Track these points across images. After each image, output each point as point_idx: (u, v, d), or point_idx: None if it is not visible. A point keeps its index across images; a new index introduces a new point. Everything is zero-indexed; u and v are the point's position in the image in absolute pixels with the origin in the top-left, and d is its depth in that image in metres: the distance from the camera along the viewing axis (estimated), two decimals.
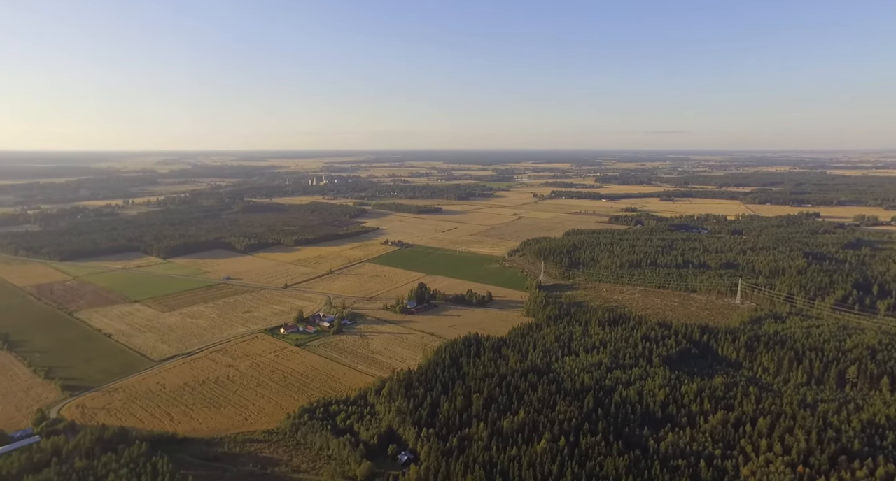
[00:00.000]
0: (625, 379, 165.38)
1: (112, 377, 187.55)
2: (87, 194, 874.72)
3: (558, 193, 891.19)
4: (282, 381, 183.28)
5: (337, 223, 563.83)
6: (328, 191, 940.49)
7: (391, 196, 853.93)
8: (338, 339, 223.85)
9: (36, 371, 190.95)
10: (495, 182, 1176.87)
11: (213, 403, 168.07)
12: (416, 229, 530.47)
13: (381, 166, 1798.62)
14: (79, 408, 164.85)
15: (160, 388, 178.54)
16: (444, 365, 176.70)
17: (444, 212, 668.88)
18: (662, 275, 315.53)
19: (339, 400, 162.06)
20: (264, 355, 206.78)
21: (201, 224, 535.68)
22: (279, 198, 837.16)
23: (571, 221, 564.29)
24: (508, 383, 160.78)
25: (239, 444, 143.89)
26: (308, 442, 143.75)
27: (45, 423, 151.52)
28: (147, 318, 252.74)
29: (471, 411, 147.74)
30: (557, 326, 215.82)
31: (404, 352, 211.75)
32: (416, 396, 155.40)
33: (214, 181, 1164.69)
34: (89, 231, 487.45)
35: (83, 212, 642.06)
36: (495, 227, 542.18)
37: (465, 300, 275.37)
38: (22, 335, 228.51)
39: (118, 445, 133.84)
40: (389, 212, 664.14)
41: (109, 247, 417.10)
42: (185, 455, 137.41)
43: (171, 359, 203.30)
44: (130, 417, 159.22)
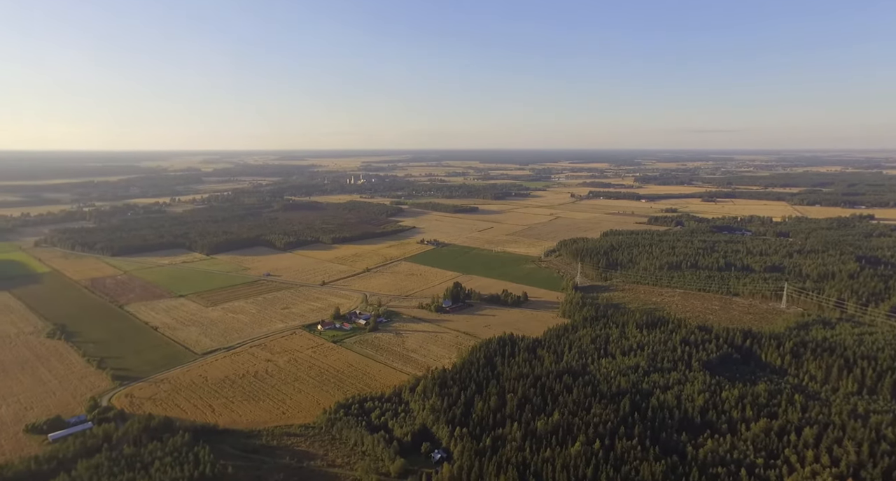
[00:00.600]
0: (662, 383, 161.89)
1: (158, 368, 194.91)
2: (137, 192, 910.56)
3: (596, 193, 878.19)
4: (318, 377, 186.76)
5: (374, 222, 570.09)
6: (365, 189, 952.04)
7: (427, 195, 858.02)
8: (373, 337, 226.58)
9: (89, 360, 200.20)
10: (532, 181, 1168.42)
11: (252, 396, 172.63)
12: (452, 228, 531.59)
13: (418, 165, 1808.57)
14: (127, 397, 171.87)
15: (202, 381, 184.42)
16: (479, 364, 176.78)
17: (480, 211, 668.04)
18: (703, 277, 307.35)
19: (374, 397, 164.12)
20: (302, 351, 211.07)
21: (243, 222, 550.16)
22: (318, 196, 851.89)
23: (609, 222, 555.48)
24: (543, 384, 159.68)
25: (276, 437, 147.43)
26: (343, 438, 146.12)
27: (97, 411, 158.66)
28: (191, 312, 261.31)
29: (504, 411, 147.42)
30: (594, 328, 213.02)
31: (439, 350, 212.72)
32: (450, 395, 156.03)
33: (256, 180, 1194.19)
34: (139, 227, 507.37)
35: (133, 209, 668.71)
36: (531, 227, 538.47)
37: (501, 300, 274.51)
38: (77, 326, 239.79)
39: (163, 434, 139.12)
40: (426, 211, 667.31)
41: (157, 243, 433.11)
42: (226, 446, 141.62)
43: (213, 353, 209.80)
44: (175, 408, 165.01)
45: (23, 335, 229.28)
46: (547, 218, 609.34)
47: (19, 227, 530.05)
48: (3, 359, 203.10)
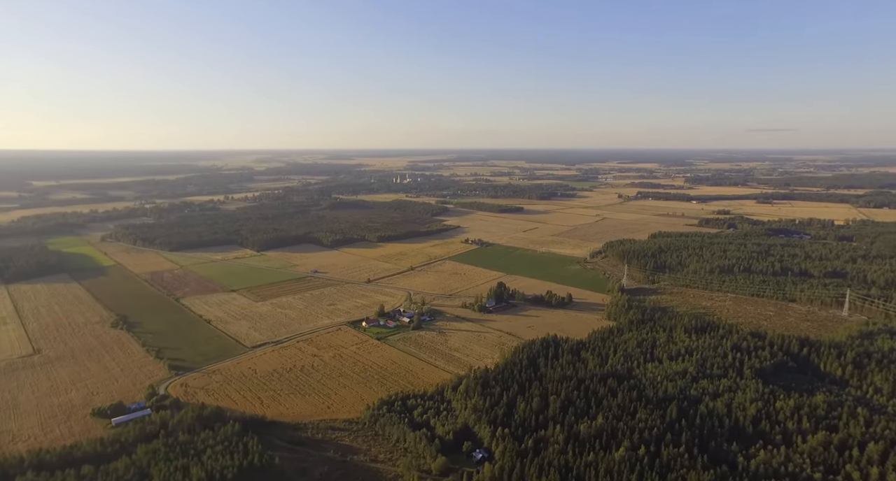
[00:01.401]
0: (712, 390, 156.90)
1: (211, 360, 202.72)
2: (194, 190, 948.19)
3: (644, 194, 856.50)
4: (362, 373, 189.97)
5: (419, 221, 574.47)
6: (411, 189, 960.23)
7: (473, 195, 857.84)
8: (417, 335, 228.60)
9: (148, 350, 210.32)
10: (578, 182, 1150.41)
11: (298, 390, 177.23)
12: (497, 228, 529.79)
13: (464, 165, 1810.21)
14: (182, 387, 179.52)
15: (252, 373, 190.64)
16: (522, 365, 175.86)
17: (525, 211, 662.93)
18: (757, 282, 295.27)
19: (417, 395, 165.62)
20: (347, 347, 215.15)
21: (292, 219, 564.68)
22: (364, 195, 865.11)
23: (658, 223, 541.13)
24: (587, 387, 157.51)
25: (321, 431, 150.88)
26: (386, 434, 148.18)
27: (155, 398, 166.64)
28: (242, 307, 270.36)
29: (547, 413, 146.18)
30: (640, 331, 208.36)
31: (482, 350, 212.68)
32: (492, 395, 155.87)
33: (305, 178, 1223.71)
34: (194, 224, 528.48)
35: (190, 206, 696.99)
36: (577, 228, 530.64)
37: (545, 301, 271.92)
38: (138, 317, 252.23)
39: (215, 423, 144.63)
40: (470, 210, 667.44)
41: (211, 239, 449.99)
42: (273, 437, 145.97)
43: (261, 346, 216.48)
44: (225, 398, 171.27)
45: (90, 324, 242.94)
46: (593, 218, 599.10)
47: (88, 223, 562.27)
48: (74, 346, 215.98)
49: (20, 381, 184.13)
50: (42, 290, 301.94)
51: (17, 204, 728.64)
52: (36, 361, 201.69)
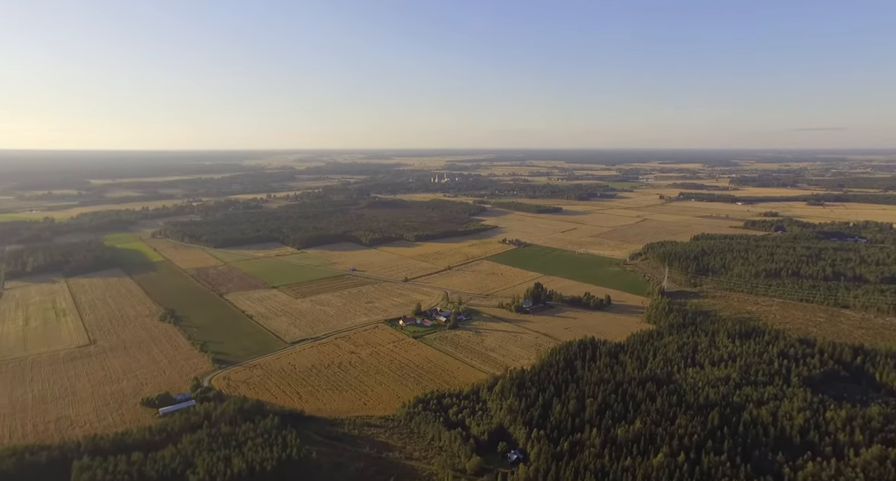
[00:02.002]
0: (756, 398, 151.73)
1: (252, 354, 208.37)
2: (238, 188, 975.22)
3: (687, 195, 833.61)
4: (399, 371, 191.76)
5: (456, 220, 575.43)
6: (449, 188, 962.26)
7: (510, 195, 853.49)
8: (453, 334, 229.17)
9: (194, 343, 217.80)
10: (618, 182, 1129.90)
11: (336, 386, 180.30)
12: (535, 228, 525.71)
13: (502, 165, 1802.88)
14: (225, 380, 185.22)
15: (291, 368, 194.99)
16: (558, 367, 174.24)
17: (563, 212, 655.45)
18: (806, 287, 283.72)
19: (452, 394, 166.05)
20: (383, 345, 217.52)
21: (332, 218, 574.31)
22: (403, 194, 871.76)
23: (701, 225, 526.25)
24: (625, 391, 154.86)
25: (358, 427, 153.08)
26: (421, 432, 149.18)
27: (199, 390, 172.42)
28: (282, 303, 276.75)
29: (583, 416, 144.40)
30: (681, 335, 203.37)
31: (518, 350, 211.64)
32: (527, 396, 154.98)
33: (345, 178, 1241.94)
34: (238, 222, 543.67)
35: (234, 204, 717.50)
36: (617, 229, 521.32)
37: (582, 302, 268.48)
38: (184, 311, 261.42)
39: (255, 416, 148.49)
40: (508, 210, 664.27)
41: (254, 236, 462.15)
42: (310, 432, 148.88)
43: (301, 342, 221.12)
44: (265, 392, 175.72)
45: (140, 317, 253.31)
46: (633, 220, 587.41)
47: (140, 220, 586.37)
48: (125, 338, 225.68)
49: (77, 370, 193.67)
50: (98, 284, 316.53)
51: (77, 201, 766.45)
52: (92, 351, 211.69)
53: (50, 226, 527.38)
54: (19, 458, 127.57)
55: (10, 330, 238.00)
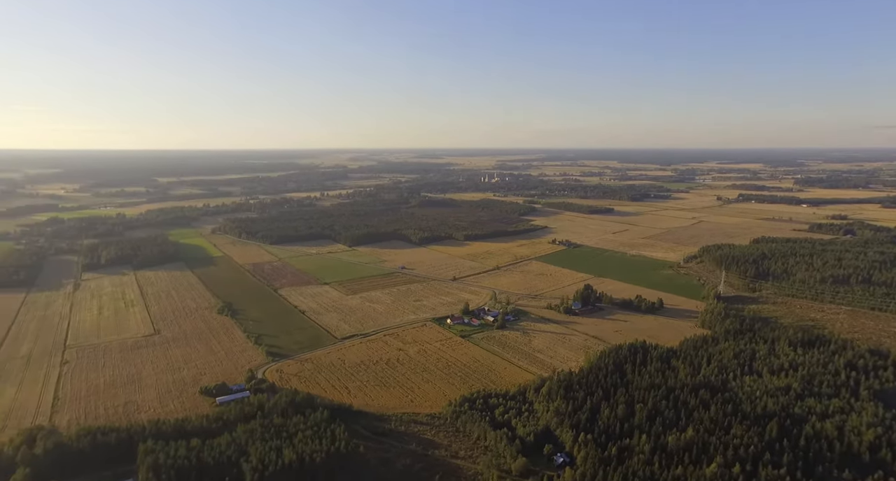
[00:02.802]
0: (820, 410, 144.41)
1: (303, 348, 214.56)
2: (293, 187, 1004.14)
3: (747, 196, 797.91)
4: (446, 369, 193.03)
5: (506, 220, 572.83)
6: (499, 188, 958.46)
7: (561, 195, 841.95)
8: (500, 334, 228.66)
9: (249, 336, 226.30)
10: (674, 183, 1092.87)
11: (383, 382, 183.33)
12: (585, 229, 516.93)
13: (553, 165, 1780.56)
14: (278, 372, 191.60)
15: (340, 363, 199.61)
16: (607, 370, 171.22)
17: (615, 212, 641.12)
18: (879, 294, 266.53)
19: (499, 394, 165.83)
20: (431, 343, 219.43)
21: (382, 216, 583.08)
22: (452, 193, 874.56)
23: (761, 228, 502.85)
24: (676, 397, 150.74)
25: (404, 424, 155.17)
26: (467, 431, 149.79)
27: (253, 382, 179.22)
28: (333, 299, 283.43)
29: (633, 421, 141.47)
30: (737, 341, 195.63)
31: (566, 352, 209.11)
32: (575, 399, 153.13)
33: (395, 177, 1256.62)
34: (293, 219, 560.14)
35: (289, 202, 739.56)
36: (671, 231, 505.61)
37: (633, 305, 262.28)
38: (241, 305, 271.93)
39: (305, 409, 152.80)
40: (558, 210, 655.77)
41: (307, 233, 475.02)
42: (358, 426, 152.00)
43: (350, 338, 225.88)
44: (315, 386, 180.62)
45: (200, 310, 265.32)
46: (689, 221, 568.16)
47: (201, 216, 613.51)
48: (186, 329, 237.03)
49: (143, 358, 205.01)
50: (162, 277, 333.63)
51: (145, 198, 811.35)
52: (156, 341, 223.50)
53: (121, 221, 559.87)
54: (93, 438, 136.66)
55: (86, 318, 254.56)
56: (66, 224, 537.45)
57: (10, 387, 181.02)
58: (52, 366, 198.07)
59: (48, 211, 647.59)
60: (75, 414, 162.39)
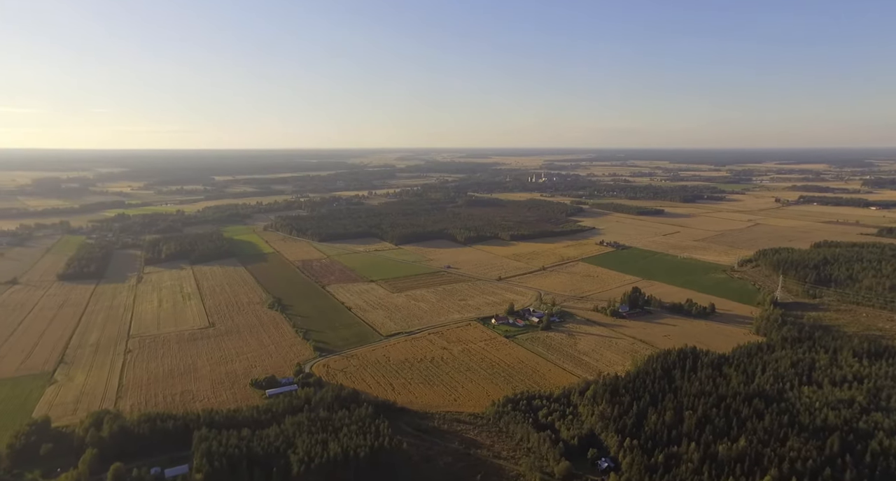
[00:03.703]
0: (888, 426, 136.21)
1: (350, 345, 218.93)
2: (342, 186, 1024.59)
3: (808, 198, 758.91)
4: (489, 369, 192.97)
5: (552, 220, 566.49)
6: (546, 188, 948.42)
7: (610, 195, 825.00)
8: (545, 335, 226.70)
9: (297, 331, 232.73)
10: (729, 184, 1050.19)
11: (427, 380, 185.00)
12: (635, 231, 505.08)
13: (602, 165, 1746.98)
14: (324, 367, 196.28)
15: (385, 360, 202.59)
16: (655, 375, 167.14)
17: (666, 214, 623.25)
18: None
19: (543, 396, 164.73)
20: (475, 342, 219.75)
21: (429, 215, 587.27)
22: (499, 193, 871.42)
23: (823, 231, 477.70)
24: (728, 405, 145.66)
25: (447, 422, 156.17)
26: (509, 432, 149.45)
27: (301, 376, 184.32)
28: (379, 297, 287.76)
29: (681, 429, 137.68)
30: (795, 350, 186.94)
31: (612, 356, 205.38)
32: (621, 403, 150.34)
33: (442, 176, 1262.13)
34: (341, 217, 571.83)
35: (338, 200, 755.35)
36: (724, 234, 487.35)
37: (683, 309, 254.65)
38: (290, 300, 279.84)
39: (350, 404, 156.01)
40: (607, 211, 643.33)
41: (355, 232, 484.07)
42: (402, 423, 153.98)
43: (395, 336, 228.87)
44: (361, 382, 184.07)
45: (252, 304, 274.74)
46: (744, 224, 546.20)
47: (254, 214, 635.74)
48: (239, 323, 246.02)
49: (199, 349, 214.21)
50: (217, 272, 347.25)
51: (203, 196, 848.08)
52: (210, 333, 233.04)
53: (181, 218, 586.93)
54: (153, 424, 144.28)
55: (147, 310, 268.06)
56: (132, 220, 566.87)
57: (82, 373, 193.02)
58: (117, 354, 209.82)
59: (116, 207, 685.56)
60: (137, 400, 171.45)
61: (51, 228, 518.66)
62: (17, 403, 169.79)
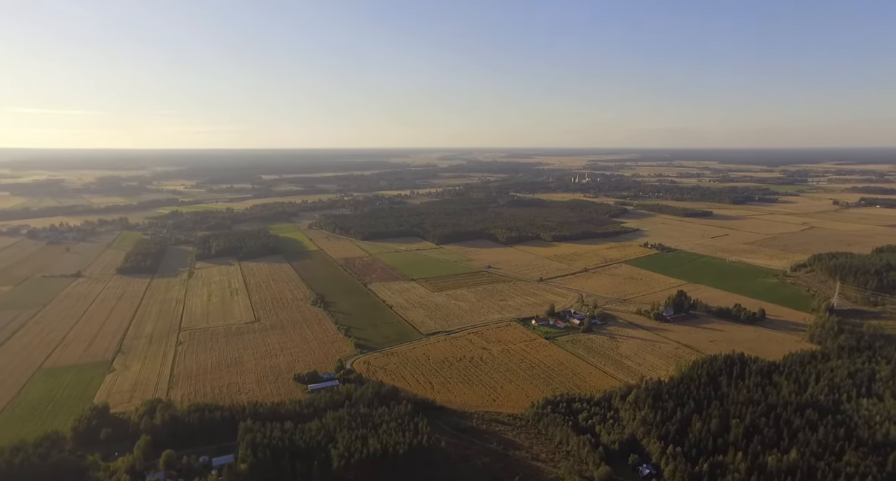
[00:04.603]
0: None
1: (390, 342, 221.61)
2: (385, 185, 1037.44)
3: (870, 201, 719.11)
4: (529, 370, 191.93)
5: (595, 221, 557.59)
6: (589, 189, 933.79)
7: (655, 196, 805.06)
8: (586, 338, 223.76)
9: (339, 328, 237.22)
10: (782, 185, 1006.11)
11: (466, 380, 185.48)
12: (681, 233, 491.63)
13: (647, 165, 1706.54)
14: (365, 364, 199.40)
15: (425, 358, 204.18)
16: (700, 381, 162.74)
17: (714, 216, 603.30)
18: None
19: (583, 399, 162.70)
20: (515, 343, 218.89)
21: (470, 215, 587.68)
22: (541, 193, 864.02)
23: (886, 236, 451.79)
24: (778, 415, 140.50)
25: (486, 422, 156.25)
26: (548, 434, 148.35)
27: (342, 372, 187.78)
28: (419, 296, 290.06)
29: (727, 437, 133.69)
30: (853, 359, 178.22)
31: (655, 360, 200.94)
32: (664, 409, 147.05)
33: (484, 176, 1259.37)
34: (383, 216, 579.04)
35: (380, 199, 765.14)
36: (776, 237, 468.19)
37: (731, 314, 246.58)
38: (332, 297, 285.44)
39: (390, 401, 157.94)
40: (652, 213, 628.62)
41: (397, 230, 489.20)
42: (440, 422, 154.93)
43: (435, 334, 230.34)
44: (400, 379, 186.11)
45: (296, 300, 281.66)
46: (798, 227, 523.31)
47: (299, 212, 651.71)
48: (283, 318, 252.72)
49: (245, 343, 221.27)
50: (263, 268, 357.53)
51: (251, 194, 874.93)
52: (256, 328, 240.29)
53: (230, 215, 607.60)
54: (201, 414, 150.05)
55: (197, 304, 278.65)
56: (184, 217, 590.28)
57: (137, 362, 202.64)
58: (169, 346, 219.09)
59: (170, 205, 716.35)
60: (187, 390, 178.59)
61: (111, 224, 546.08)
62: (80, 389, 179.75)
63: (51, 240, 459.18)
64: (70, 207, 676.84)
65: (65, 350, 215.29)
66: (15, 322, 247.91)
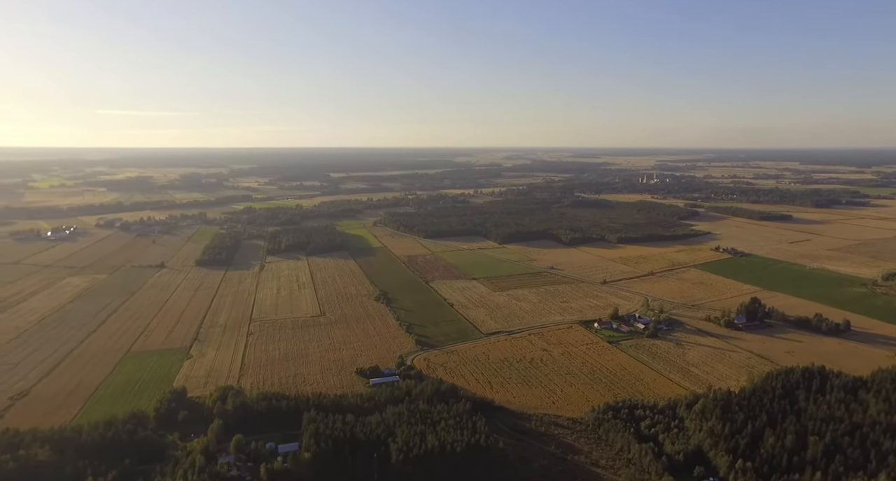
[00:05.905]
0: None
1: (450, 340, 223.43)
2: (449, 184, 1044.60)
3: None
4: (590, 374, 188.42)
5: (663, 224, 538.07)
6: (658, 190, 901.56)
7: (728, 198, 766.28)
8: (651, 343, 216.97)
9: (401, 324, 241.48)
10: (874, 187, 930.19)
11: (525, 381, 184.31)
12: (756, 237, 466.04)
13: (720, 166, 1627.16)
14: (425, 361, 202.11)
15: (485, 358, 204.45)
16: (774, 394, 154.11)
17: (794, 220, 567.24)
18: None
19: (646, 406, 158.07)
20: (576, 346, 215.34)
21: (533, 215, 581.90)
22: (607, 194, 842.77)
23: None
24: (864, 435, 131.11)
25: (545, 424, 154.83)
26: (609, 440, 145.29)
27: (402, 368, 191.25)
28: (480, 295, 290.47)
29: (804, 455, 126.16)
30: None
31: (724, 369, 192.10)
32: (733, 421, 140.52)
33: (549, 176, 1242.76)
34: (446, 215, 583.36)
35: (444, 198, 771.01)
36: (866, 243, 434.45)
37: (811, 324, 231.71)
38: (395, 294, 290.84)
39: (449, 399, 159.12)
40: (724, 216, 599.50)
41: (459, 229, 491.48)
42: (498, 421, 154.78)
43: (495, 334, 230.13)
44: (459, 377, 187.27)
45: (360, 296, 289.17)
46: (891, 232, 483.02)
47: (365, 210, 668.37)
48: (347, 313, 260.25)
49: (310, 336, 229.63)
50: (329, 264, 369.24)
51: (319, 191, 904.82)
52: (321, 321, 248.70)
53: (299, 212, 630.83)
54: (269, 402, 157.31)
55: (267, 296, 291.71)
56: (257, 213, 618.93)
57: (212, 350, 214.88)
58: (240, 336, 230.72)
59: (244, 201, 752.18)
60: (256, 379, 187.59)
61: (192, 219, 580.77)
62: (162, 373, 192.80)
63: (140, 232, 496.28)
64: (156, 202, 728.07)
65: (149, 336, 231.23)
66: (108, 307, 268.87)
